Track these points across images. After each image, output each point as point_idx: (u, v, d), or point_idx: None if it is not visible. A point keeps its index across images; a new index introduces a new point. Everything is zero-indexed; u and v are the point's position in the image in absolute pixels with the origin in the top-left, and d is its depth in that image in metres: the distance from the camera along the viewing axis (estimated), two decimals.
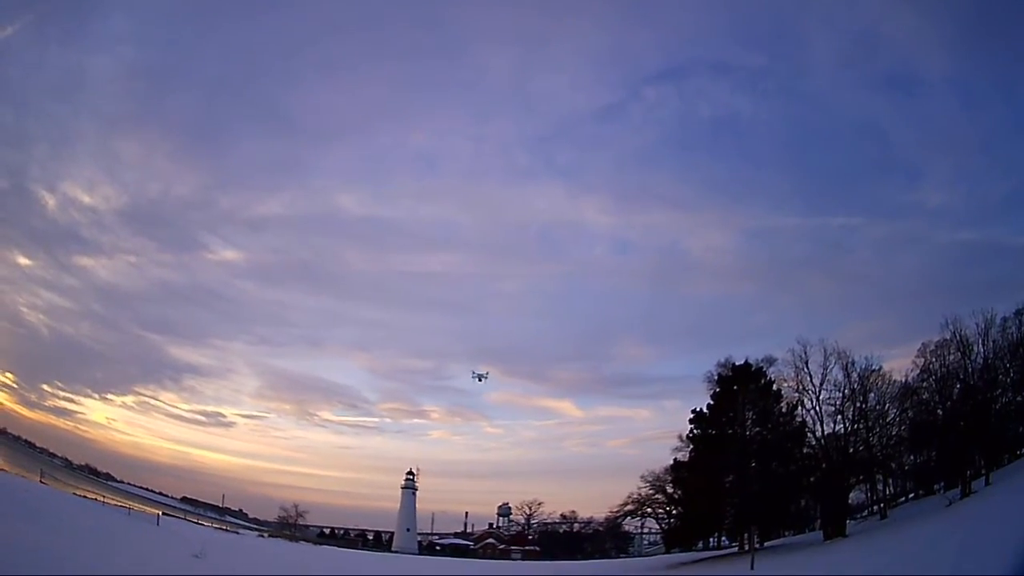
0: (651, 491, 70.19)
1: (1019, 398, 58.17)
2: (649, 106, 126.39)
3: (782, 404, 60.69)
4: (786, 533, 67.10)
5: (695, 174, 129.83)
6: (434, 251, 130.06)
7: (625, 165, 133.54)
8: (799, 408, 59.30)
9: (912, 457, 65.10)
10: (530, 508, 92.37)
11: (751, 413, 61.30)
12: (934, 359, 59.46)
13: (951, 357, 58.19)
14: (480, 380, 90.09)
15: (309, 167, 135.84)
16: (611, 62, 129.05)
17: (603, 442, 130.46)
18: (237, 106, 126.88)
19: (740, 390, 61.75)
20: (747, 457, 59.64)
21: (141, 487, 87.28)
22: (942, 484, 59.41)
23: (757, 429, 61.48)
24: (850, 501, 60.97)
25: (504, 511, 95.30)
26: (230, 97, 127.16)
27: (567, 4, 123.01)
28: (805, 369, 57.92)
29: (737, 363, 63.73)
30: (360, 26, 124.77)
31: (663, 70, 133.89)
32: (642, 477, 70.55)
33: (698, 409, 64.54)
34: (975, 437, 53.35)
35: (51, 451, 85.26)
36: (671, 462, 66.83)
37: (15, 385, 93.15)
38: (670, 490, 68.68)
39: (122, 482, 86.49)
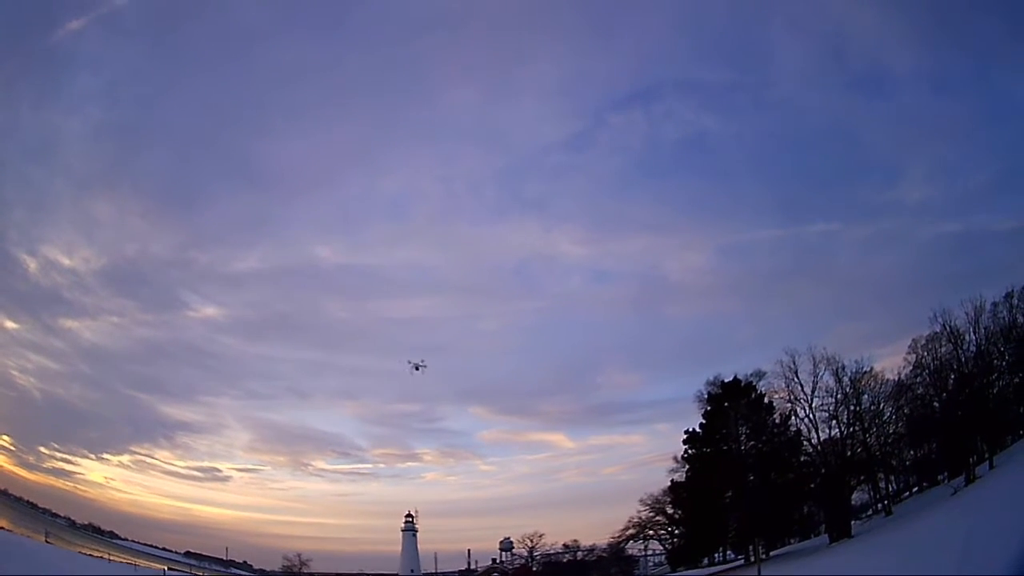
0: (651, 513, 71.15)
1: (1016, 380, 58.02)
2: (616, 131, 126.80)
3: (775, 416, 60.98)
4: (792, 540, 66.40)
5: (668, 196, 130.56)
6: (412, 296, 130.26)
7: (596, 193, 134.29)
8: (792, 418, 59.67)
9: (912, 452, 64.65)
10: (532, 540, 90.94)
11: (744, 428, 61.50)
12: (926, 353, 59.52)
13: (943, 349, 58.27)
14: (418, 369, 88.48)
15: (283, 220, 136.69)
16: (575, 91, 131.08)
17: (598, 470, 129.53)
18: (208, 161, 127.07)
19: (731, 406, 61.78)
20: (744, 471, 59.41)
21: (144, 543, 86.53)
22: (945, 474, 59.00)
23: (752, 443, 61.56)
24: (854, 501, 60.97)
25: (506, 545, 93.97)
26: (200, 153, 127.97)
27: (526, 38, 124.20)
28: (795, 379, 58.40)
29: (726, 380, 63.90)
30: (322, 72, 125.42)
31: (628, 94, 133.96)
32: (641, 501, 71.25)
33: (691, 429, 64.83)
34: (975, 423, 53.16)
35: (54, 511, 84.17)
36: (668, 483, 67.33)
37: (12, 447, 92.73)
38: (670, 511, 69.25)
39: (125, 539, 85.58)
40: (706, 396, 63.98)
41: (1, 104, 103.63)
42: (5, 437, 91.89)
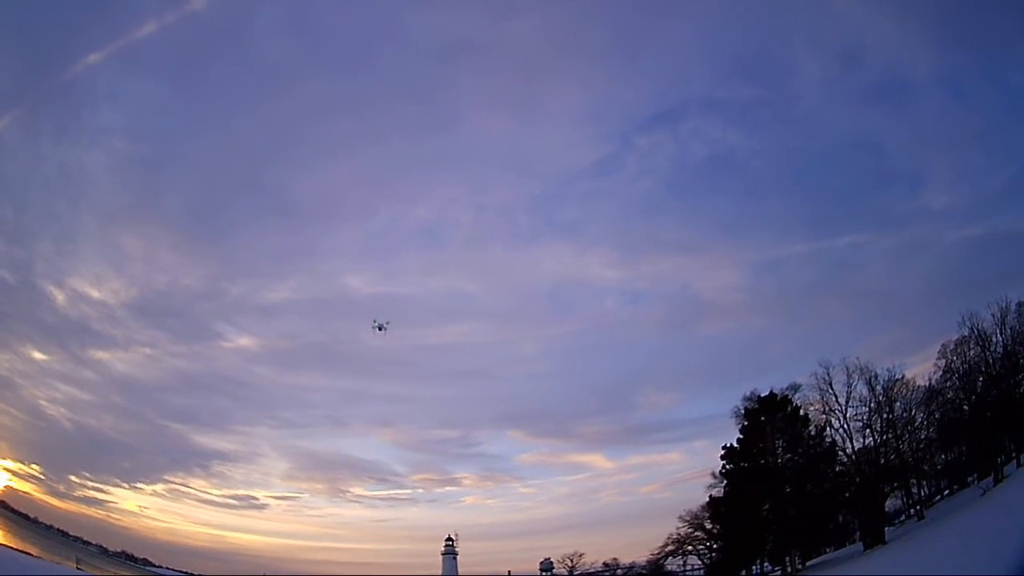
0: (690, 529, 71.86)
1: None
2: (644, 153, 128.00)
3: (810, 427, 62.33)
4: (827, 549, 67.06)
5: (697, 216, 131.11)
6: (447, 323, 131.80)
7: (627, 216, 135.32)
8: (828, 428, 60.83)
9: (943, 456, 65.57)
10: (572, 561, 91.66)
11: (781, 441, 63.05)
12: (955, 357, 60.93)
13: (971, 352, 59.73)
14: (381, 329, 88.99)
15: (314, 251, 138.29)
16: (602, 114, 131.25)
17: (636, 489, 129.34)
18: (236, 194, 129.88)
19: (768, 420, 63.37)
20: (781, 484, 61.00)
21: (179, 570, 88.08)
22: (975, 476, 59.86)
23: (788, 455, 63.15)
24: (887, 508, 61.82)
25: (546, 566, 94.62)
26: (228, 185, 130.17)
27: (550, 64, 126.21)
28: (830, 390, 59.53)
29: (763, 395, 65.33)
30: (350, 105, 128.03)
31: (654, 115, 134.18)
32: (680, 517, 71.98)
33: (729, 444, 66.14)
34: (1003, 423, 54.42)
35: (85, 539, 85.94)
36: (707, 499, 68.39)
37: (42, 476, 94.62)
38: (708, 526, 70.30)
39: (159, 566, 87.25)
40: (743, 411, 65.63)
41: (23, 137, 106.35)
42: (35, 466, 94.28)
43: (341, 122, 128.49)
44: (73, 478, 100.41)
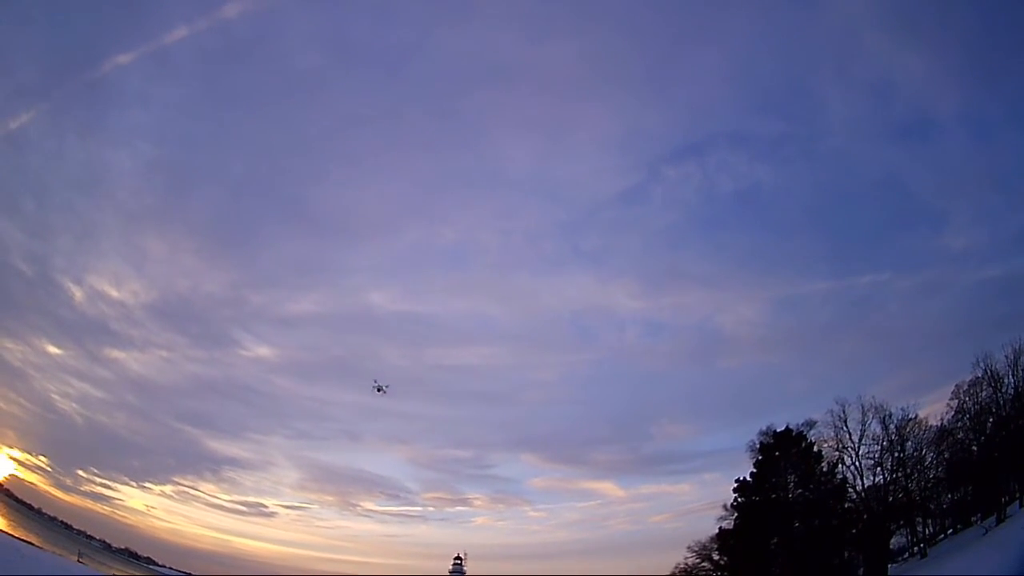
0: (698, 560, 73.77)
1: None
2: (671, 185, 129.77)
3: (823, 464, 63.44)
4: None
5: (721, 250, 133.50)
6: (469, 344, 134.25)
7: (651, 247, 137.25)
8: (839, 465, 62.25)
9: (950, 495, 67.63)
10: None
11: (793, 476, 64.12)
12: (967, 398, 62.54)
13: (984, 394, 61.22)
14: (380, 391, 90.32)
15: (339, 265, 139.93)
16: (630, 145, 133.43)
17: (646, 518, 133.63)
18: (262, 204, 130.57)
19: (782, 455, 64.44)
20: (791, 518, 62.39)
21: (183, 571, 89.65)
22: (979, 516, 61.80)
23: (800, 490, 64.12)
24: (892, 545, 64.00)
25: None
26: (254, 193, 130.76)
27: (581, 91, 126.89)
28: (844, 427, 61.20)
29: (778, 430, 66.33)
30: (380, 120, 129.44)
31: (682, 147, 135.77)
32: (689, 547, 74.17)
33: (742, 478, 67.29)
34: (1009, 464, 56.07)
35: (89, 533, 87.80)
36: (716, 531, 69.86)
37: (49, 468, 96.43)
38: (716, 557, 71.85)
39: (163, 566, 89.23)
40: (758, 446, 66.70)
41: (47, 133, 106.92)
42: (42, 457, 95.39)
43: (369, 136, 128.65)
44: (81, 472, 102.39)
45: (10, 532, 66.18)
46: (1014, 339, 58.23)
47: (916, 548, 64.35)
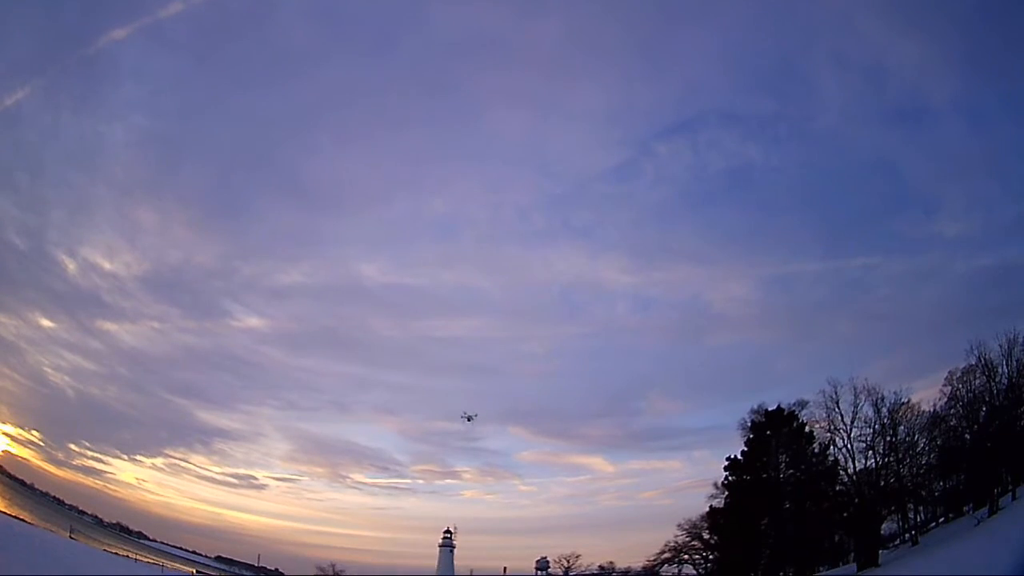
0: (687, 538, 74.24)
1: None
2: (662, 161, 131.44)
3: (814, 445, 64.39)
4: (822, 568, 69.02)
5: (712, 227, 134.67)
6: (458, 316, 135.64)
7: (642, 222, 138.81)
8: (831, 447, 63.17)
9: (942, 483, 68.01)
10: (568, 561, 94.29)
11: (784, 456, 64.92)
12: (961, 385, 63.41)
13: (977, 382, 62.17)
14: (470, 420, 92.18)
15: (329, 237, 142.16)
16: (621, 120, 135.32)
17: (636, 495, 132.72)
18: (254, 175, 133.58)
19: (773, 435, 65.23)
20: (781, 499, 63.11)
21: (174, 545, 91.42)
22: (971, 505, 61.92)
23: (791, 471, 64.99)
24: (882, 531, 64.08)
25: (542, 565, 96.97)
26: (246, 166, 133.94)
27: (573, 66, 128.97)
28: (836, 409, 61.94)
29: (770, 408, 67.22)
30: (373, 93, 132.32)
31: (674, 124, 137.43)
32: (679, 525, 74.38)
33: (732, 456, 67.93)
34: (1001, 455, 56.38)
35: (80, 508, 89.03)
36: (707, 509, 70.38)
37: (41, 443, 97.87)
38: (706, 536, 72.34)
39: (154, 540, 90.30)
40: (749, 424, 67.61)
41: (42, 107, 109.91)
42: (35, 432, 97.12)
43: (360, 109, 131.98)
44: (73, 446, 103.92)
45: (3, 510, 67.37)
46: (1008, 328, 59.23)
47: (907, 535, 64.39)
